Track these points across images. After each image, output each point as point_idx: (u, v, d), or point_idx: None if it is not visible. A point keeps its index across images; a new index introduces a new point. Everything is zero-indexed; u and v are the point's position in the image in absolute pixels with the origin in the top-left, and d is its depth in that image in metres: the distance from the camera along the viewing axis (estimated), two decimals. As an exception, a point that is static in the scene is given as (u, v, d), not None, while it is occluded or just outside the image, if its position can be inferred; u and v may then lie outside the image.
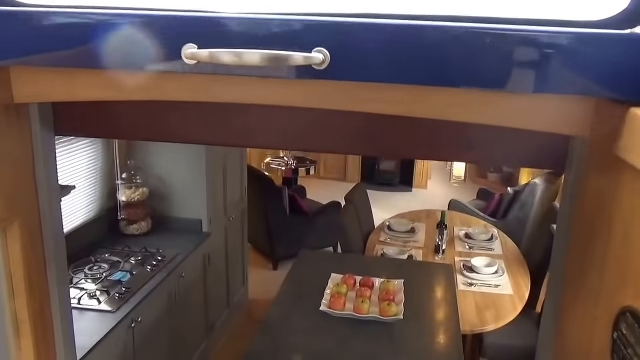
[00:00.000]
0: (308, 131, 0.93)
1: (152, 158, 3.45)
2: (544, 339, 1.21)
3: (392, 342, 2.30)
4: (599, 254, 0.78)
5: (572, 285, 0.95)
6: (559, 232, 0.98)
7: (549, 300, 1.05)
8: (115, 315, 2.47)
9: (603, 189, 0.78)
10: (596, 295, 0.80)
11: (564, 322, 1.10)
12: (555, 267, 0.98)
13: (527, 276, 3.46)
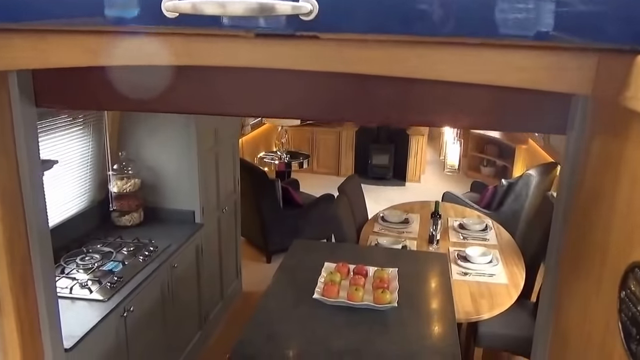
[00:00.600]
0: (297, 97, 0.90)
1: (144, 149, 3.41)
2: (542, 310, 1.19)
3: (386, 330, 2.29)
4: (604, 214, 0.76)
5: (573, 250, 0.94)
6: (560, 197, 0.96)
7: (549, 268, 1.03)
8: (107, 304, 2.44)
9: (608, 147, 0.76)
10: (601, 257, 0.78)
11: (564, 289, 1.08)
12: (556, 234, 0.97)
13: (522, 266, 3.45)
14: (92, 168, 3.19)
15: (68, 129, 2.87)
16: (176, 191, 3.49)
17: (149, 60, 0.77)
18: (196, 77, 0.90)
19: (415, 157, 7.80)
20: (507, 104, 0.88)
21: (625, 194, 0.70)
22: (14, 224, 1.01)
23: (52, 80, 0.96)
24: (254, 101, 0.91)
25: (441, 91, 0.84)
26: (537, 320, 1.44)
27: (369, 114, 0.91)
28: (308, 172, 7.85)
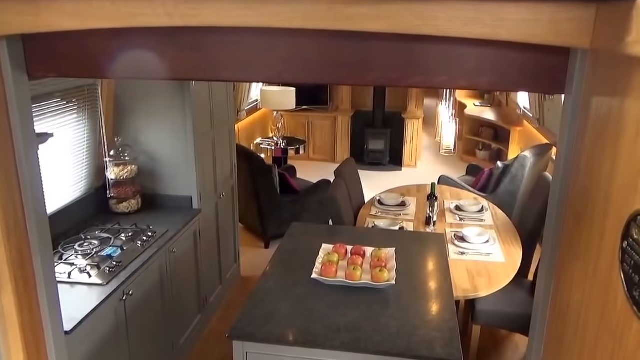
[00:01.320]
0: (293, 60, 0.90)
1: (140, 134, 3.41)
2: (542, 271, 1.20)
3: (385, 307, 2.31)
4: (606, 167, 0.77)
5: (575, 207, 0.94)
6: (561, 156, 0.96)
7: (549, 228, 1.04)
8: (106, 288, 2.45)
9: (609, 100, 0.76)
10: (603, 210, 0.79)
11: (565, 251, 1.08)
12: (556, 194, 0.97)
13: (519, 245, 3.48)
14: (88, 154, 3.18)
15: (61, 114, 2.85)
16: (173, 177, 3.49)
17: (138, 22, 0.77)
18: (189, 42, 0.90)
19: (411, 142, 7.80)
20: (505, 63, 0.88)
21: (628, 144, 0.70)
22: (8, 198, 1.01)
23: (44, 48, 0.95)
24: (249, 65, 0.91)
25: (439, 51, 0.84)
26: (537, 287, 1.45)
27: (366, 75, 0.90)
28: (304, 159, 7.85)
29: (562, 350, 1.19)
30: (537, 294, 1.52)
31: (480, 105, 8.86)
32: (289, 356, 2.09)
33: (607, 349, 0.84)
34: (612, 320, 0.81)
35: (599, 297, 0.86)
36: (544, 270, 1.41)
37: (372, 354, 2.01)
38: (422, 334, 2.11)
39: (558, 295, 1.29)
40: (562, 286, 1.24)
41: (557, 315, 1.30)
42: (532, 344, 1.55)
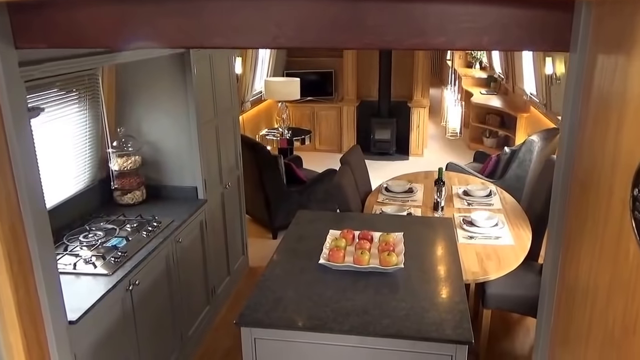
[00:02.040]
0: (289, 25, 0.86)
1: (143, 124, 3.38)
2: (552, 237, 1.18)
3: (394, 290, 2.27)
4: (614, 121, 0.73)
5: (584, 163, 0.91)
6: (566, 118, 0.92)
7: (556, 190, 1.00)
8: (111, 278, 2.43)
9: (614, 55, 0.73)
10: (611, 163, 0.75)
11: (573, 210, 1.05)
12: (563, 154, 0.93)
13: (528, 228, 3.43)
14: (90, 145, 3.16)
15: (62, 104, 2.83)
16: (178, 167, 3.46)
17: None
18: (180, 9, 0.86)
19: (417, 130, 7.74)
20: (507, 20, 0.84)
21: (636, 94, 0.67)
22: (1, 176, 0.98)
23: (31, 17, 0.92)
24: (242, 31, 0.88)
25: (436, 10, 0.80)
26: (545, 261, 1.42)
27: (364, 39, 0.87)
28: (310, 150, 7.81)
29: (572, 317, 1.16)
30: (544, 268, 1.49)
31: (486, 93, 8.77)
32: (298, 341, 2.06)
33: (619, 307, 0.82)
34: (624, 275, 0.79)
35: (610, 255, 0.83)
36: (552, 243, 1.38)
37: (382, 337, 1.98)
38: (431, 317, 2.08)
39: (566, 267, 1.26)
40: (570, 256, 1.21)
41: (567, 286, 1.27)
42: (542, 316, 1.51)
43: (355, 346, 2.02)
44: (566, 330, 1.24)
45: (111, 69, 3.16)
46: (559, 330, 1.35)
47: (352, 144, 7.86)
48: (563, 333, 1.29)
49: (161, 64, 3.24)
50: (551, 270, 1.43)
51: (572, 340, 1.18)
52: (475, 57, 9.87)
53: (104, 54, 2.38)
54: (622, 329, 0.81)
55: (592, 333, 1.00)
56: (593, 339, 0.97)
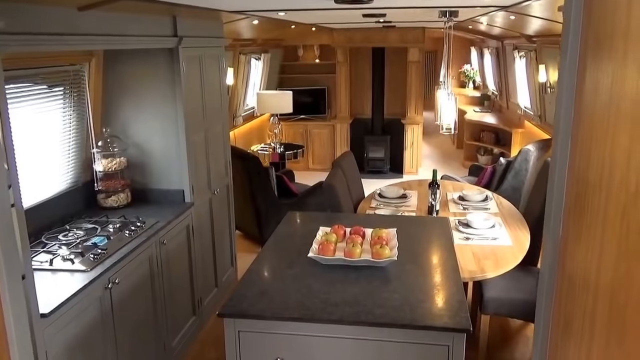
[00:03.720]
0: None
1: (129, 126, 3.29)
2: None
3: (386, 283, 2.15)
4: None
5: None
6: (560, 109, 0.88)
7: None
8: (89, 274, 2.30)
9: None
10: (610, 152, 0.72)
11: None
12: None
13: (527, 230, 3.33)
14: (74, 145, 3.06)
15: (45, 98, 2.75)
16: (164, 170, 3.36)
17: None
18: None
19: (411, 147, 7.68)
20: None
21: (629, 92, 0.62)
22: None
23: None
24: None
25: None
26: (544, 253, 1.36)
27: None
28: (303, 169, 7.73)
29: (573, 308, 1.13)
30: (544, 259, 1.45)
31: (480, 111, 8.78)
32: (284, 333, 1.92)
33: (622, 297, 0.81)
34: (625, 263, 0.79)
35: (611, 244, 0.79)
36: (549, 234, 1.35)
37: (375, 325, 1.85)
38: (427, 307, 1.95)
39: (567, 257, 1.23)
40: (570, 246, 1.18)
41: (567, 276, 1.23)
42: (540, 307, 1.44)
43: (346, 337, 1.89)
44: (568, 322, 1.19)
45: (98, 67, 3.09)
46: (560, 323, 1.29)
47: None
48: (564, 325, 1.23)
49: (149, 63, 3.18)
50: (550, 261, 1.38)
51: (574, 332, 1.12)
52: (469, 77, 9.93)
53: (90, 35, 2.30)
54: (624, 318, 0.81)
55: (596, 324, 0.97)
56: (598, 330, 0.96)
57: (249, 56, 6.12)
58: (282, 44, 7.60)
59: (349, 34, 7.27)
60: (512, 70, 6.85)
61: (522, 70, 6.23)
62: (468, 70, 10.09)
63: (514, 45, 6.41)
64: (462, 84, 10.26)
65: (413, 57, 7.37)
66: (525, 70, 6.01)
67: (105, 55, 3.13)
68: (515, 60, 6.46)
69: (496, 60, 7.73)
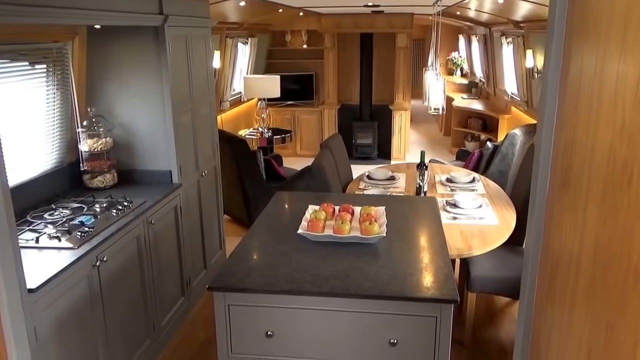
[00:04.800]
0: None
1: (115, 105, 3.25)
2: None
3: (375, 258, 2.16)
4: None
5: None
6: (544, 89, 0.89)
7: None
8: (76, 251, 2.28)
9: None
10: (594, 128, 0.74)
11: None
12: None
13: (513, 210, 3.36)
14: (59, 124, 3.01)
15: (28, 77, 2.70)
16: (151, 151, 3.33)
17: None
18: None
19: (399, 134, 7.70)
20: None
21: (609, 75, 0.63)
22: None
23: None
24: None
25: None
26: (527, 231, 1.40)
27: None
28: (291, 155, 7.72)
29: (555, 281, 1.17)
30: (528, 236, 1.49)
31: (467, 98, 8.82)
32: (274, 306, 1.93)
33: (601, 270, 0.83)
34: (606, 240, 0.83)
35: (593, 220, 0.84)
36: (534, 212, 1.39)
37: (363, 298, 1.86)
38: (415, 280, 1.97)
39: (551, 233, 1.27)
40: (554, 222, 1.23)
41: (551, 251, 1.27)
42: (526, 280, 1.48)
43: (336, 310, 1.90)
44: (551, 294, 1.23)
45: (82, 45, 3.05)
46: (544, 295, 1.34)
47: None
48: (548, 296, 1.27)
49: (135, 42, 3.14)
50: (535, 237, 1.42)
51: (557, 303, 1.17)
52: (457, 64, 9.95)
53: (72, 9, 2.26)
54: (604, 290, 0.86)
55: (574, 311, 1.02)
56: (576, 318, 1.01)
57: (236, 40, 6.07)
58: (269, 29, 7.55)
59: (337, 19, 7.23)
60: (500, 57, 6.89)
61: (510, 57, 6.26)
62: (456, 57, 10.12)
63: (501, 32, 6.44)
64: (450, 72, 10.29)
65: (401, 43, 7.36)
66: (513, 57, 6.04)
67: (89, 33, 3.08)
68: (502, 47, 6.49)
69: (484, 47, 7.76)
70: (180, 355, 3.15)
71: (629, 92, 0.77)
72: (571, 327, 1.03)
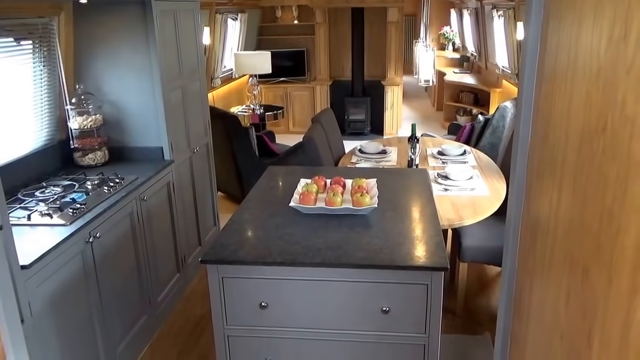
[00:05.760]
0: None
1: (103, 82, 3.22)
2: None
3: (367, 229, 2.18)
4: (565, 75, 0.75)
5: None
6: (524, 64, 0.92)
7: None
8: (69, 228, 2.29)
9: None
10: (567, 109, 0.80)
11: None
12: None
13: (503, 181, 3.39)
14: (47, 102, 2.99)
15: (13, 53, 2.66)
16: (142, 128, 3.31)
17: None
18: None
19: (391, 109, 7.69)
20: None
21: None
22: None
23: None
24: None
25: None
26: (509, 199, 1.44)
27: None
28: (284, 132, 7.70)
29: (535, 248, 1.21)
30: (509, 204, 1.53)
31: (459, 72, 8.79)
32: (267, 278, 1.95)
33: (577, 238, 0.89)
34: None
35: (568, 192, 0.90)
36: (514, 180, 1.42)
37: (355, 267, 1.89)
38: (406, 249, 2.00)
39: (530, 203, 1.31)
40: (533, 192, 1.27)
41: (530, 219, 1.31)
42: (507, 248, 1.51)
43: (328, 280, 1.93)
44: (532, 260, 1.28)
45: (68, 21, 3.00)
46: (524, 261, 1.38)
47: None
48: (530, 263, 1.32)
49: (121, 18, 3.09)
50: (515, 206, 1.45)
51: (537, 269, 1.23)
52: (448, 39, 9.89)
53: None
54: (579, 254, 0.90)
55: (553, 262, 1.07)
56: (555, 267, 1.06)
57: (226, 15, 5.98)
58: (259, 4, 7.45)
59: (328, -7, 7.14)
60: (491, 31, 6.84)
61: (501, 30, 6.22)
62: (447, 32, 10.04)
63: (492, 5, 6.39)
64: (441, 46, 10.23)
65: (392, 18, 7.29)
66: (504, 30, 6.00)
67: (75, 8, 3.03)
68: (494, 20, 6.45)
69: (475, 21, 7.70)
70: (177, 330, 3.19)
71: (605, 34, 0.78)
72: (551, 277, 1.08)
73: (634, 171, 0.68)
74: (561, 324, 0.99)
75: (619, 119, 0.73)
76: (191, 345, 3.04)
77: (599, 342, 0.80)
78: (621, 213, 0.71)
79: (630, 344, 0.67)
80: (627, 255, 0.69)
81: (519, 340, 1.39)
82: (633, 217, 0.68)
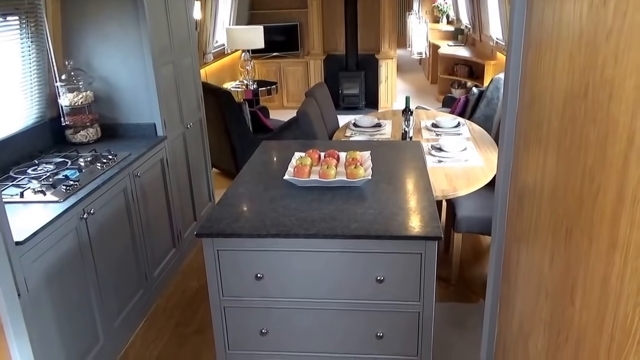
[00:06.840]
0: None
1: (93, 58, 3.18)
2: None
3: (361, 200, 2.19)
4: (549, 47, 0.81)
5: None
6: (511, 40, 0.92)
7: None
8: (63, 204, 2.28)
9: None
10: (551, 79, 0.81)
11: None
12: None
13: (497, 152, 3.39)
14: (36, 79, 2.95)
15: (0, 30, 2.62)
16: (134, 104, 3.28)
17: None
18: None
19: (386, 82, 7.64)
20: None
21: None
22: None
23: None
24: None
25: None
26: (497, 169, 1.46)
27: None
28: (278, 107, 7.65)
29: (522, 216, 1.23)
30: (497, 173, 1.54)
31: (453, 45, 8.71)
32: (263, 250, 1.96)
33: (560, 207, 0.90)
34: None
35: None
36: (503, 150, 1.43)
37: (350, 238, 1.90)
38: (400, 219, 2.01)
39: (518, 171, 1.32)
40: (520, 162, 1.29)
41: (518, 188, 1.33)
42: (496, 216, 1.52)
43: (323, 251, 1.94)
44: (519, 225, 1.30)
45: (54, -5, 2.94)
46: (511, 229, 1.40)
47: (320, 99, 7.72)
48: (517, 228, 1.34)
49: (109, -10, 3.03)
50: (504, 172, 1.47)
51: (524, 236, 1.26)
52: (442, 11, 9.77)
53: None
54: (562, 223, 0.92)
55: (539, 226, 1.11)
56: (540, 231, 1.09)
57: (216, -11, 5.88)
58: (250, -22, 7.31)
59: (320, -35, 7.01)
60: (485, 2, 6.76)
61: (495, 1, 6.14)
62: (441, 4, 9.92)
63: (487, -27, 6.29)
64: (435, 19, 10.11)
65: (386, -11, 7.19)
66: (497, 1, 5.93)
67: (62, -18, 2.97)
68: (488, -10, 6.36)
69: (470, -9, 7.60)
70: (173, 304, 3.22)
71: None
72: (537, 240, 1.11)
73: (612, 132, 0.69)
74: (546, 284, 1.02)
75: (599, 81, 0.75)
76: (188, 318, 3.08)
77: (580, 298, 0.82)
78: (602, 173, 0.73)
79: (610, 297, 0.70)
80: (606, 213, 0.71)
81: (508, 303, 1.42)
82: (612, 176, 0.70)
